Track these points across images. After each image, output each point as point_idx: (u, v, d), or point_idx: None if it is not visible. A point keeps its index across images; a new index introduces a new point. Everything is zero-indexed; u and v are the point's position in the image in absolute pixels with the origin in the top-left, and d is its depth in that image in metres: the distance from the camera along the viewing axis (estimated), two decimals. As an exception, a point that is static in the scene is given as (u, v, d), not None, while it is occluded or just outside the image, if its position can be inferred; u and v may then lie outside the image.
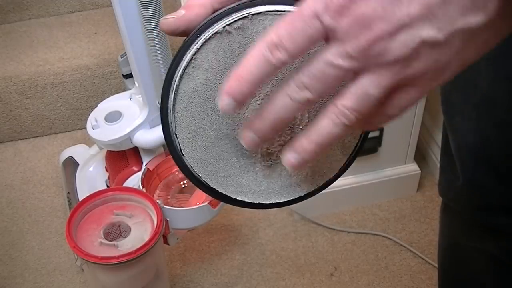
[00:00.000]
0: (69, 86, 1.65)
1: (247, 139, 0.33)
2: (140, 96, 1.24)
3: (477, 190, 0.65)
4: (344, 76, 0.30)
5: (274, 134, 0.33)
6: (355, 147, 0.39)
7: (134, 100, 1.27)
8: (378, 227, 1.41)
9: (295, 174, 0.39)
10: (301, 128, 0.38)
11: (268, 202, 0.40)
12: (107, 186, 1.32)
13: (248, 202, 0.39)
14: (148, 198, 1.05)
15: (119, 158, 1.30)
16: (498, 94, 0.55)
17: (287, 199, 0.40)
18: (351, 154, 0.39)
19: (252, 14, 0.34)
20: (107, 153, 1.35)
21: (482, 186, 0.64)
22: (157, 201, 1.04)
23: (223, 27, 0.35)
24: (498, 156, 0.60)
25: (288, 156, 0.33)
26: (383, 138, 1.35)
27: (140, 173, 1.19)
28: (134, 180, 1.24)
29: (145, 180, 1.15)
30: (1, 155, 1.66)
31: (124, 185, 1.24)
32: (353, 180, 1.41)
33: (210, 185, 0.39)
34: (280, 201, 0.40)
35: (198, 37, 0.35)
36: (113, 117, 1.24)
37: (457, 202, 0.71)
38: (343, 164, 0.39)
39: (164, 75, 1.14)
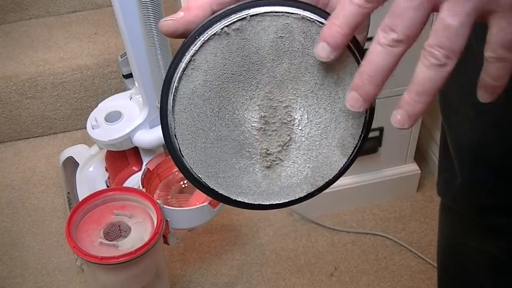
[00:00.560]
0: (69, 86, 1.65)
1: (350, 99, 0.33)
2: (140, 96, 1.24)
3: (475, 190, 0.65)
4: (423, 11, 0.30)
5: (374, 88, 0.32)
6: (355, 147, 0.39)
7: (134, 100, 1.27)
8: (378, 227, 1.41)
9: (294, 175, 0.39)
10: (300, 129, 0.38)
11: (268, 203, 0.40)
12: (107, 186, 1.32)
13: (248, 203, 0.39)
14: (148, 198, 1.05)
15: (119, 158, 1.30)
16: None
17: (287, 200, 0.40)
18: (350, 155, 0.39)
19: (251, 16, 0.35)
20: (107, 153, 1.35)
21: (480, 185, 0.64)
22: (157, 201, 1.04)
23: (222, 28, 0.35)
24: (496, 156, 0.60)
25: (394, 115, 0.32)
26: (383, 138, 1.35)
27: (140, 173, 1.19)
28: (134, 180, 1.24)
29: (145, 180, 1.15)
30: (1, 155, 1.66)
31: (124, 185, 1.24)
32: (353, 180, 1.41)
33: (210, 186, 0.39)
34: (280, 202, 0.40)
35: (197, 39, 0.35)
36: (113, 117, 1.24)
37: (455, 201, 0.71)
38: (343, 165, 0.39)
39: (164, 75, 1.15)
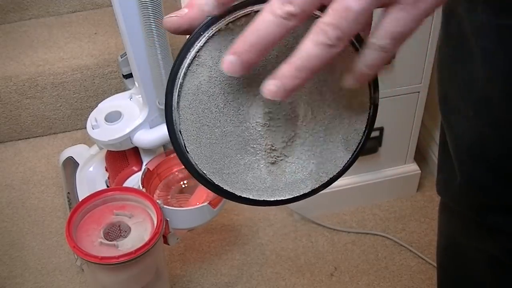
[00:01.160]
0: (69, 86, 1.65)
1: (226, 63, 0.32)
2: (140, 96, 1.24)
3: (475, 189, 0.65)
4: None
5: (254, 56, 0.31)
6: (359, 143, 0.39)
7: (134, 100, 1.28)
8: (378, 227, 1.41)
9: (299, 171, 0.39)
10: (304, 125, 0.38)
11: (273, 199, 0.40)
12: (107, 186, 1.32)
13: (253, 199, 0.39)
14: (148, 198, 1.05)
15: (119, 158, 1.30)
16: (495, 92, 0.55)
17: (292, 196, 0.40)
18: (354, 151, 0.39)
19: (255, 12, 0.35)
20: (107, 153, 1.35)
21: (479, 185, 0.64)
22: (157, 201, 1.04)
23: (226, 24, 0.35)
24: (496, 155, 0.60)
25: (267, 84, 0.31)
26: (383, 138, 1.35)
27: (140, 173, 1.19)
28: (134, 180, 1.24)
29: (145, 180, 1.15)
30: (1, 155, 1.66)
31: (124, 185, 1.24)
32: (353, 180, 1.41)
33: (215, 182, 0.39)
34: (285, 198, 0.40)
35: (202, 35, 0.35)
36: (113, 117, 1.24)
37: (455, 201, 0.71)
38: (347, 161, 0.40)
39: (164, 75, 1.15)
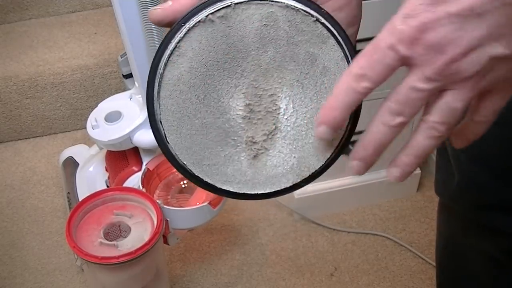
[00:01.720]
0: (69, 86, 1.65)
1: (356, 168, 0.37)
2: (140, 96, 1.24)
3: (472, 189, 0.65)
4: (428, 96, 0.33)
5: (377, 157, 0.37)
6: (341, 138, 0.39)
7: (134, 100, 1.27)
8: (378, 227, 1.41)
9: (280, 165, 0.39)
10: (285, 118, 0.38)
11: (253, 193, 0.39)
12: (107, 186, 1.32)
13: (233, 191, 0.39)
14: (148, 198, 1.05)
15: (119, 158, 1.30)
16: None
17: (273, 190, 0.40)
18: (337, 146, 0.39)
19: (235, 3, 0.35)
20: (107, 153, 1.35)
21: (477, 184, 0.64)
22: (157, 201, 1.04)
23: (206, 15, 0.35)
24: (493, 154, 0.60)
25: (392, 171, 0.38)
26: (383, 138, 1.35)
27: (140, 173, 1.19)
28: (134, 180, 1.24)
29: (145, 180, 1.15)
30: (1, 155, 1.66)
31: (124, 185, 1.24)
32: (353, 180, 1.41)
33: (195, 173, 0.39)
34: (265, 191, 0.40)
35: (182, 26, 0.36)
36: (113, 117, 1.24)
37: (453, 200, 0.71)
38: (329, 157, 0.39)
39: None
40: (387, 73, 0.33)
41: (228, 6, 0.35)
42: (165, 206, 1.06)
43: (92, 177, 1.38)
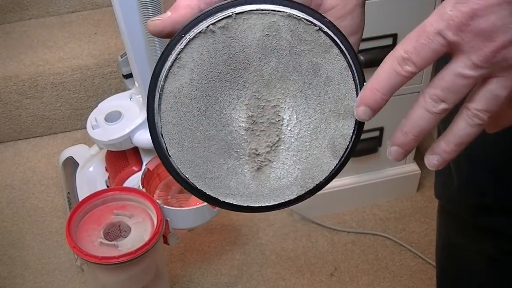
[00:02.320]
0: (69, 86, 1.65)
1: (394, 154, 0.37)
2: (140, 96, 1.24)
3: (471, 191, 0.65)
4: (473, 83, 0.33)
5: (416, 144, 0.36)
6: (346, 149, 0.38)
7: (134, 100, 1.27)
8: (378, 227, 1.41)
9: (284, 177, 0.38)
10: (289, 129, 0.37)
11: (257, 205, 0.39)
12: (107, 186, 1.32)
13: (237, 204, 0.39)
14: (148, 198, 1.05)
15: (119, 158, 1.30)
16: None
17: (277, 203, 0.39)
18: (341, 157, 0.38)
19: (236, 14, 0.35)
20: (107, 153, 1.35)
21: (476, 186, 0.64)
22: (157, 201, 1.04)
23: (207, 26, 0.35)
24: (492, 157, 0.60)
25: (430, 159, 0.36)
26: (383, 138, 1.35)
27: (140, 173, 1.19)
28: (134, 180, 1.24)
29: (145, 180, 1.15)
30: (1, 155, 1.66)
31: (124, 185, 1.24)
32: (353, 180, 1.41)
33: (198, 187, 0.38)
34: (270, 204, 0.39)
35: (183, 37, 0.35)
36: (113, 117, 1.24)
37: (452, 203, 0.71)
38: (334, 167, 0.38)
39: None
40: (432, 58, 0.33)
41: (229, 16, 0.35)
42: (165, 206, 1.06)
43: (92, 177, 1.38)
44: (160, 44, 1.08)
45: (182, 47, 0.35)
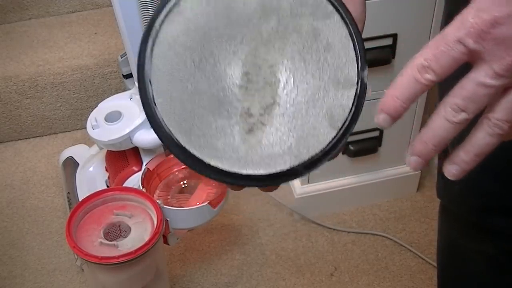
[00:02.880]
0: (69, 86, 1.65)
1: (413, 163, 0.36)
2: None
3: (474, 192, 0.65)
4: (494, 93, 0.33)
5: (436, 153, 0.36)
6: (345, 120, 0.36)
7: (134, 100, 1.27)
8: (378, 227, 1.41)
9: (277, 144, 0.35)
10: (285, 93, 0.36)
11: (245, 173, 0.35)
12: (107, 186, 1.32)
13: (223, 169, 0.35)
14: (148, 198, 1.05)
15: (119, 158, 1.30)
16: None
17: (267, 172, 0.35)
18: (340, 129, 0.36)
19: None
20: (107, 153, 1.35)
21: (479, 187, 0.64)
22: (157, 201, 1.04)
23: None
24: (495, 158, 0.60)
25: (449, 168, 0.36)
26: (383, 138, 1.35)
27: (140, 173, 1.19)
28: (134, 180, 1.24)
29: (145, 180, 1.15)
30: (1, 155, 1.66)
31: (124, 185, 1.24)
32: (353, 180, 1.41)
33: (182, 144, 0.35)
34: (259, 173, 0.35)
35: None
36: (113, 117, 1.24)
37: (455, 204, 0.71)
38: (332, 139, 0.36)
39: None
40: (452, 66, 0.33)
41: None
42: (165, 206, 1.06)
43: (92, 177, 1.38)
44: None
45: None
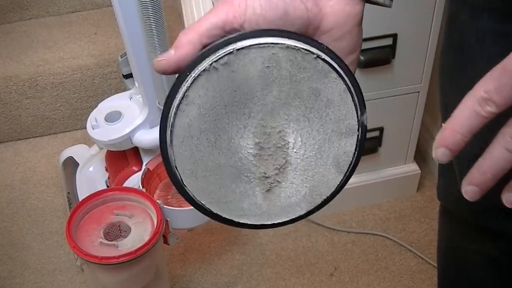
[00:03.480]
0: (69, 86, 1.65)
1: (470, 194, 0.36)
2: (140, 96, 1.24)
3: None
4: None
5: (494, 183, 0.35)
6: (350, 165, 0.40)
7: (134, 100, 1.27)
8: (378, 227, 1.41)
9: (293, 195, 0.40)
10: (295, 151, 0.39)
11: (270, 223, 0.41)
12: (107, 186, 1.32)
13: (252, 224, 0.41)
14: (148, 198, 1.05)
15: (119, 158, 1.30)
16: None
17: (288, 219, 0.41)
18: (346, 172, 0.40)
19: (237, 50, 0.36)
20: (107, 153, 1.35)
21: None
22: (157, 201, 1.04)
23: (210, 64, 0.36)
24: None
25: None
26: (383, 138, 1.35)
27: (140, 173, 1.19)
28: (134, 180, 1.24)
29: (145, 180, 1.15)
30: (1, 155, 1.66)
31: (124, 185, 1.24)
32: (353, 180, 1.40)
33: (213, 211, 0.40)
34: (282, 220, 0.41)
35: (188, 75, 0.37)
36: (113, 117, 1.24)
37: (456, 206, 0.71)
38: (339, 182, 0.40)
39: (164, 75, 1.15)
40: None
41: (230, 52, 0.36)
42: (165, 206, 1.06)
43: (92, 177, 1.38)
44: (160, 44, 1.08)
45: (188, 85, 0.36)
